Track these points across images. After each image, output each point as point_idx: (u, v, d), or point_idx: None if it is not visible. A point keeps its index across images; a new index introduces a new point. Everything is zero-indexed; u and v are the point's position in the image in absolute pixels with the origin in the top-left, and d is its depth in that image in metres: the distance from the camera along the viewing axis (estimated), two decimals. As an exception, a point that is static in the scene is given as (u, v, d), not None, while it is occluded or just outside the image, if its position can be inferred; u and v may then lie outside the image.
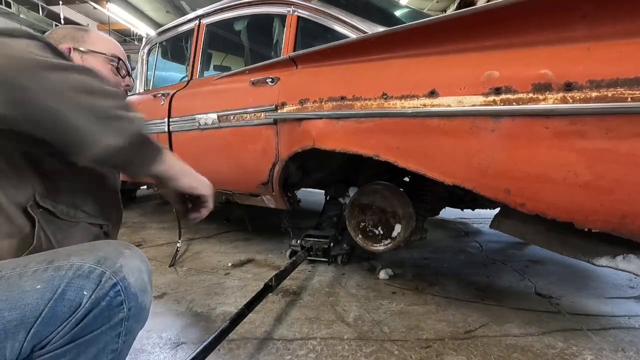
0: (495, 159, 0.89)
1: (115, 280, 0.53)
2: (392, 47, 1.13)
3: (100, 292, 0.51)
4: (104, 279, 0.52)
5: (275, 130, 1.50)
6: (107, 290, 0.52)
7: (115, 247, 0.57)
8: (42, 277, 0.51)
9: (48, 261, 0.53)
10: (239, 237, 2.35)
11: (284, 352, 1.07)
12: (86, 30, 0.87)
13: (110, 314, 0.53)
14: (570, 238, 0.94)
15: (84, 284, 0.51)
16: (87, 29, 0.89)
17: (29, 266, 0.52)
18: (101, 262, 0.53)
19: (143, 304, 0.57)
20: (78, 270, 0.51)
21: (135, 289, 0.55)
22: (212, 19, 2.04)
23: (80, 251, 0.55)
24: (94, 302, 0.51)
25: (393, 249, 1.48)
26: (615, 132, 0.72)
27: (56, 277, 0.51)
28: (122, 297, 0.53)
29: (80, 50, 0.82)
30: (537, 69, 0.81)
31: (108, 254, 0.55)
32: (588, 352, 1.05)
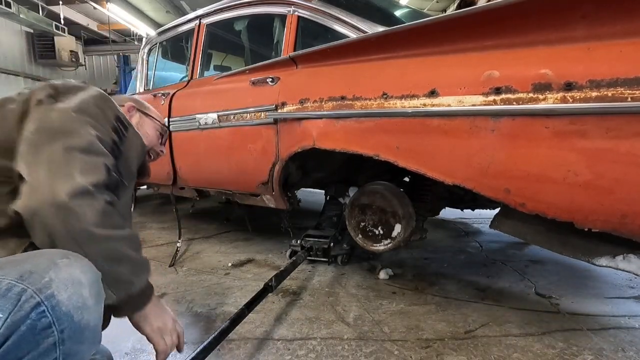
0: (495, 158, 0.89)
1: (38, 299, 0.45)
2: (392, 47, 1.13)
3: (17, 315, 0.43)
4: (24, 297, 0.44)
5: (275, 130, 1.50)
6: (27, 311, 0.44)
7: (49, 258, 0.50)
8: None
9: None
10: (239, 237, 2.35)
11: (284, 352, 1.07)
12: (145, 104, 1.00)
13: (36, 339, 0.44)
14: (570, 238, 0.94)
15: (0, 304, 0.43)
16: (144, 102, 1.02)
17: None
18: (24, 278, 0.46)
19: (83, 323, 0.49)
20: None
21: (69, 307, 0.47)
22: (212, 19, 2.04)
23: (7, 263, 0.49)
24: (10, 327, 0.43)
25: (393, 249, 1.48)
26: (615, 132, 0.72)
27: None
28: (49, 319, 0.45)
29: (141, 112, 0.95)
30: (537, 69, 0.82)
31: (36, 266, 0.48)
32: (588, 352, 1.05)
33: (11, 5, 6.33)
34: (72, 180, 0.57)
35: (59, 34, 7.83)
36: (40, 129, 0.61)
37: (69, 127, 0.63)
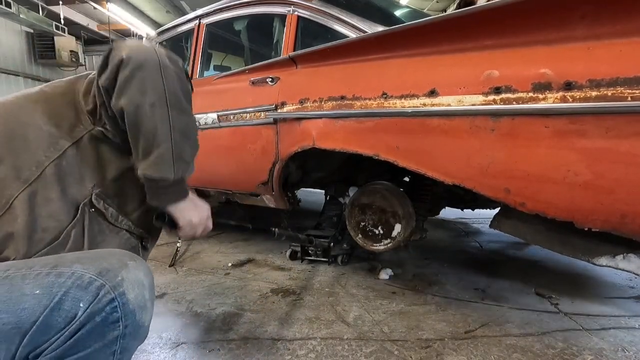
0: (495, 158, 0.89)
1: (113, 295, 0.50)
2: (391, 47, 1.13)
3: (96, 307, 0.48)
4: (102, 292, 0.49)
5: (275, 130, 1.50)
6: (104, 305, 0.49)
7: (120, 258, 0.55)
8: (43, 282, 0.49)
9: (52, 265, 0.51)
10: (239, 237, 2.35)
11: (284, 352, 1.07)
12: None
13: (104, 330, 0.49)
14: (570, 238, 0.94)
15: (82, 295, 0.48)
16: None
17: (34, 268, 0.51)
18: (102, 274, 0.51)
19: (141, 322, 0.54)
20: (78, 280, 0.49)
21: (134, 306, 0.52)
22: (212, 19, 2.04)
23: (85, 259, 0.53)
24: (89, 316, 0.48)
25: (393, 248, 1.48)
26: (615, 132, 0.72)
27: (56, 283, 0.49)
28: (119, 314, 0.50)
29: None
30: (537, 68, 0.82)
31: (111, 265, 0.52)
32: (588, 352, 1.05)
33: (11, 5, 6.33)
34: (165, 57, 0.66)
35: (59, 34, 7.83)
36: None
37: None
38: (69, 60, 8.35)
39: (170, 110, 0.64)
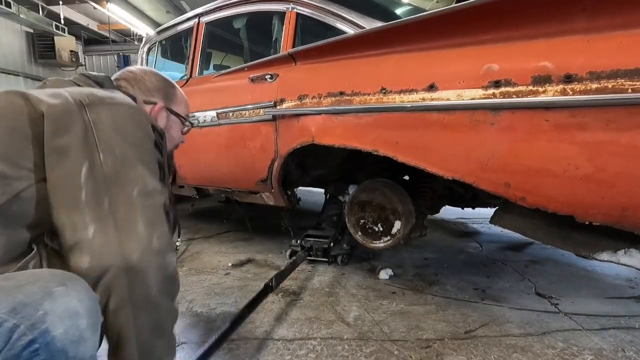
0: (495, 152, 0.89)
1: (31, 336, 0.41)
2: (390, 42, 1.13)
3: (9, 354, 0.40)
4: (16, 335, 0.41)
5: (274, 127, 1.50)
6: (19, 350, 0.41)
7: (44, 285, 0.45)
8: None
9: None
10: (239, 237, 2.34)
11: (284, 352, 1.06)
12: (174, 87, 0.90)
13: None
14: (571, 233, 0.93)
15: None
16: (174, 86, 0.91)
17: None
18: (17, 311, 0.41)
19: (78, 357, 0.46)
20: None
21: (64, 343, 0.43)
22: (211, 17, 2.04)
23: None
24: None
25: (393, 245, 1.47)
26: (615, 124, 0.71)
27: None
28: (42, 358, 0.42)
29: (169, 111, 0.87)
30: (536, 61, 0.81)
31: (30, 296, 0.43)
32: (588, 352, 1.04)
33: (11, 5, 6.34)
34: (140, 237, 0.57)
35: (59, 34, 7.83)
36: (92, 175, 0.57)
37: (123, 169, 0.60)
38: (69, 60, 8.35)
39: (136, 313, 0.56)
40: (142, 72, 0.84)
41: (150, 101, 0.83)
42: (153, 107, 0.83)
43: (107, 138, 0.59)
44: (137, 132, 0.63)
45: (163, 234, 0.60)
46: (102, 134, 0.59)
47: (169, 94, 0.87)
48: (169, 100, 0.87)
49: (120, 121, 0.62)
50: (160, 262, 0.59)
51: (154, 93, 0.84)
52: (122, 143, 0.60)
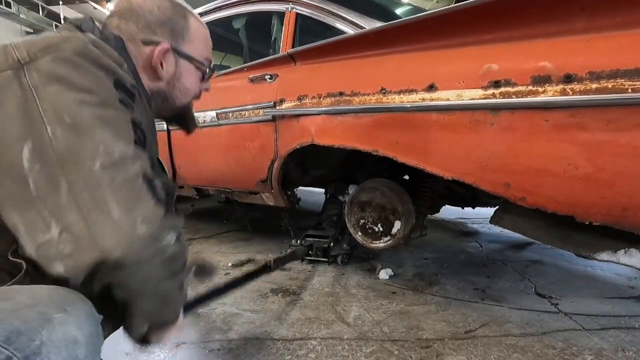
0: (494, 152, 0.89)
1: None
2: (390, 42, 1.13)
3: None
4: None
5: (273, 127, 1.50)
6: None
7: (42, 311, 0.41)
8: None
9: None
10: (239, 237, 2.34)
11: (284, 352, 1.06)
12: (186, 17, 0.66)
13: None
14: (571, 233, 0.93)
15: None
16: (187, 13, 0.66)
17: None
18: (11, 340, 0.37)
19: None
20: None
21: None
22: (210, 17, 2.04)
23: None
24: None
25: (393, 245, 1.47)
26: (615, 124, 0.71)
27: None
28: None
29: (178, 53, 0.65)
30: (536, 61, 0.81)
31: (26, 324, 0.39)
32: (588, 352, 1.04)
33: (11, 5, 6.35)
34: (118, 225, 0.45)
35: (59, 34, 7.83)
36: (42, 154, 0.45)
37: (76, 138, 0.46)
38: (69, 61, 8.34)
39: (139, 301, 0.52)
40: (143, 1, 0.63)
41: (149, 41, 0.63)
42: (152, 49, 0.63)
43: (54, 103, 0.45)
44: (89, 84, 0.48)
45: (149, 211, 0.48)
46: (47, 99, 0.45)
47: (177, 28, 0.65)
48: (177, 38, 0.65)
49: (66, 75, 0.47)
50: (154, 249, 0.48)
51: (155, 29, 0.63)
52: (72, 104, 0.46)
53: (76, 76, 0.47)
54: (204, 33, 0.70)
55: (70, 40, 0.49)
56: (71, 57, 0.47)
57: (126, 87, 0.53)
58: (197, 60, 0.69)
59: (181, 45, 0.66)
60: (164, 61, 0.64)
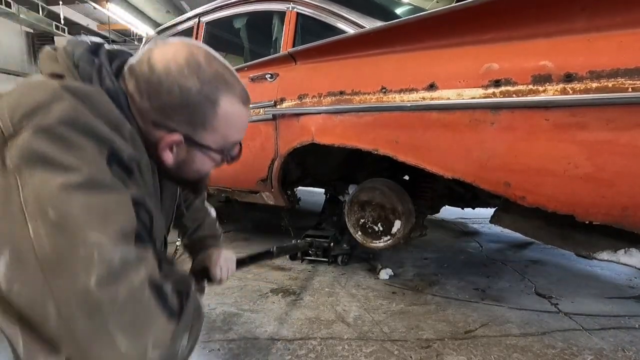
0: (494, 152, 0.89)
1: None
2: (390, 42, 1.13)
3: None
4: None
5: (274, 126, 1.50)
6: None
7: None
8: None
9: None
10: (239, 237, 2.34)
11: (284, 352, 1.06)
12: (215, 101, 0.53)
13: None
14: (571, 232, 0.93)
15: None
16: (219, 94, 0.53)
17: None
18: None
19: None
20: None
21: None
22: (211, 17, 2.05)
23: None
24: None
25: (392, 245, 1.47)
26: (616, 123, 0.72)
27: None
28: None
29: (193, 143, 0.54)
30: (536, 61, 0.81)
31: None
32: (588, 352, 1.04)
33: (11, 5, 6.35)
34: (145, 350, 0.39)
35: (59, 34, 7.85)
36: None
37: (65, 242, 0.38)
38: (69, 60, 8.34)
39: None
40: (166, 73, 0.50)
41: (160, 124, 0.52)
42: (162, 135, 0.52)
43: (36, 190, 0.37)
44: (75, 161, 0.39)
45: (160, 332, 0.41)
46: (30, 185, 0.37)
47: (198, 116, 0.52)
48: (196, 126, 0.53)
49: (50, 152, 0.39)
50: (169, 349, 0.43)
51: (171, 113, 0.51)
52: (57, 191, 0.37)
53: (61, 153, 0.39)
54: (237, 115, 0.56)
55: (60, 100, 0.41)
56: (56, 127, 0.39)
57: (123, 161, 0.44)
58: (216, 150, 0.56)
59: (199, 134, 0.54)
60: (173, 148, 0.54)
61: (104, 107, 0.45)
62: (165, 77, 0.50)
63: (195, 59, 0.52)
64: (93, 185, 0.40)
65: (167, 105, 0.51)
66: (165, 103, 0.50)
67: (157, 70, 0.50)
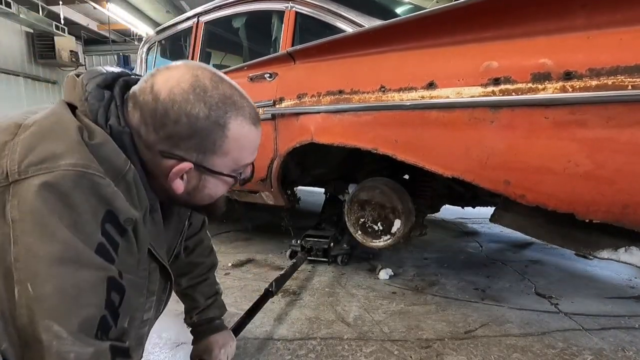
0: (494, 150, 0.88)
1: None
2: (389, 40, 1.13)
3: None
4: None
5: (273, 126, 1.49)
6: None
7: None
8: None
9: None
10: (239, 237, 2.34)
11: (284, 352, 1.06)
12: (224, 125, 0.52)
13: None
14: (571, 230, 0.93)
15: None
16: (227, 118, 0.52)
17: None
18: None
19: None
20: None
21: None
22: (210, 17, 2.05)
23: None
24: None
25: (392, 244, 1.47)
26: (615, 121, 0.71)
27: None
28: None
29: (204, 169, 0.54)
30: (536, 59, 0.81)
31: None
32: (588, 352, 1.04)
33: (11, 5, 6.35)
34: None
35: (59, 34, 7.85)
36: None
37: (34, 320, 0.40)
38: (69, 60, 8.36)
39: None
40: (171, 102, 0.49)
41: (169, 154, 0.51)
42: (170, 165, 0.52)
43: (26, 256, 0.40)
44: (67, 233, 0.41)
45: None
46: (22, 246, 0.40)
47: (208, 141, 0.52)
48: (205, 152, 0.52)
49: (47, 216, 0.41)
50: None
51: (179, 142, 0.51)
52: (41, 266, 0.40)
53: (55, 219, 0.41)
54: (247, 136, 0.55)
55: (72, 154, 0.43)
56: (63, 184, 0.41)
57: (118, 222, 0.46)
58: (228, 175, 0.57)
59: (210, 160, 0.53)
60: (184, 176, 0.54)
61: (109, 156, 0.47)
62: (170, 105, 0.49)
63: (201, 83, 0.51)
64: (74, 260, 0.42)
65: (174, 134, 0.50)
66: (173, 133, 0.50)
67: (162, 99, 0.49)
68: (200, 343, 0.89)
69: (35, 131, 0.45)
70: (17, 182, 0.41)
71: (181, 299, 0.92)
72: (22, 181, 0.41)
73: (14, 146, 0.43)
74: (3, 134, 0.45)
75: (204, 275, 0.91)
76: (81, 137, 0.45)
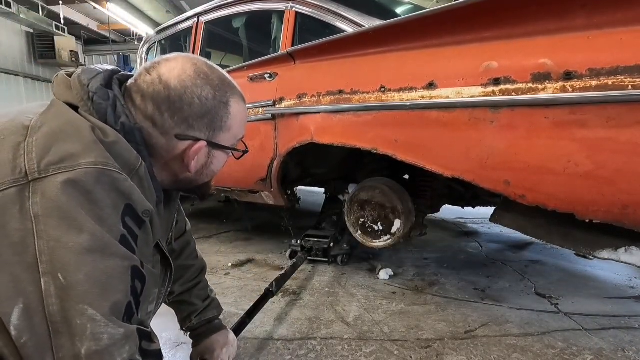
0: (494, 150, 0.88)
1: None
2: (389, 40, 1.13)
3: None
4: None
5: (273, 126, 1.50)
6: None
7: None
8: None
9: None
10: (239, 237, 2.34)
11: (284, 352, 1.06)
12: (227, 103, 0.58)
13: None
14: (571, 230, 0.93)
15: None
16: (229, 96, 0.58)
17: None
18: None
19: None
20: None
21: None
22: (210, 17, 2.05)
23: None
24: None
25: (392, 244, 1.47)
26: (616, 121, 0.71)
27: None
28: None
29: (213, 145, 0.59)
30: (536, 59, 0.81)
31: None
32: (588, 352, 1.04)
33: (11, 5, 6.36)
34: None
35: (59, 34, 7.86)
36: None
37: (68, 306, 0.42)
38: (69, 60, 8.37)
39: None
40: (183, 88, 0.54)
41: (185, 136, 0.56)
42: (187, 145, 0.57)
43: (52, 248, 0.42)
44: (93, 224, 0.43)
45: None
46: (46, 239, 0.42)
47: (217, 119, 0.57)
48: (215, 129, 0.58)
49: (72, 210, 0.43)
50: None
51: (193, 123, 0.56)
52: (70, 256, 0.42)
53: (81, 211, 0.43)
54: (242, 112, 0.62)
55: (90, 152, 0.45)
56: (85, 181, 0.43)
57: (136, 215, 0.49)
58: (231, 148, 0.63)
59: (218, 136, 0.59)
60: (197, 156, 0.58)
61: (123, 153, 0.50)
62: (183, 91, 0.54)
63: (200, 69, 0.57)
64: (101, 250, 0.44)
65: (189, 116, 0.55)
66: (187, 114, 0.55)
67: (173, 86, 0.54)
68: (201, 344, 0.89)
69: (48, 132, 0.47)
70: (38, 180, 0.43)
71: (176, 307, 0.91)
72: (43, 179, 0.43)
73: (28, 146, 0.45)
74: (14, 135, 0.46)
75: (197, 279, 0.91)
76: (95, 137, 0.48)
